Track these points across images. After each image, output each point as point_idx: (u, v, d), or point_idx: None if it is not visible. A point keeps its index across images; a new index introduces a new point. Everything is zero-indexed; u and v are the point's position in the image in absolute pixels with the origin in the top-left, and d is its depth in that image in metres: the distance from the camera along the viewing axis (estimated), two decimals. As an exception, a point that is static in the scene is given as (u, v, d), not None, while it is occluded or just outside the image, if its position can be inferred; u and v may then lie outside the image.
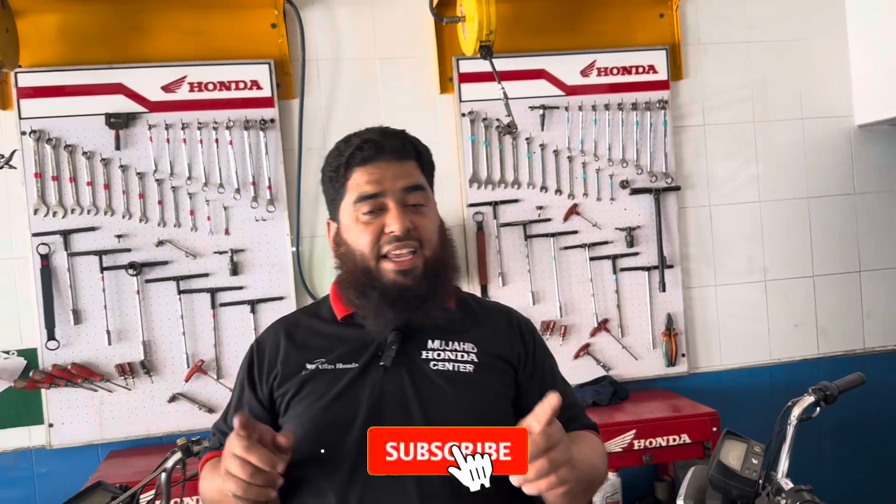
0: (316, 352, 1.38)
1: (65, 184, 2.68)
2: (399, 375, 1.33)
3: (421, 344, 1.37)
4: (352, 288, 1.36)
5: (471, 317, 1.45)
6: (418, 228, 1.33)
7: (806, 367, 3.22)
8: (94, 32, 2.73)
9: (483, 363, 1.37)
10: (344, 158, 1.36)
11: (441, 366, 1.35)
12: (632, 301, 3.05)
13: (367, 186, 1.33)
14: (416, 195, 1.36)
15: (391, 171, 1.34)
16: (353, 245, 1.35)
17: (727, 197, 3.18)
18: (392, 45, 2.96)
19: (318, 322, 1.44)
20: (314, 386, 1.33)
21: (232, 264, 2.77)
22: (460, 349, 1.37)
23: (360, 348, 1.37)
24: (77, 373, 2.67)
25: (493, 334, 1.43)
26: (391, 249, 1.32)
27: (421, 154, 1.40)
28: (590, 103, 3.03)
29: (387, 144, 1.35)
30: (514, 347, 1.43)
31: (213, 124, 2.76)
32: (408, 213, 1.33)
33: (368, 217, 1.33)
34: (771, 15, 3.23)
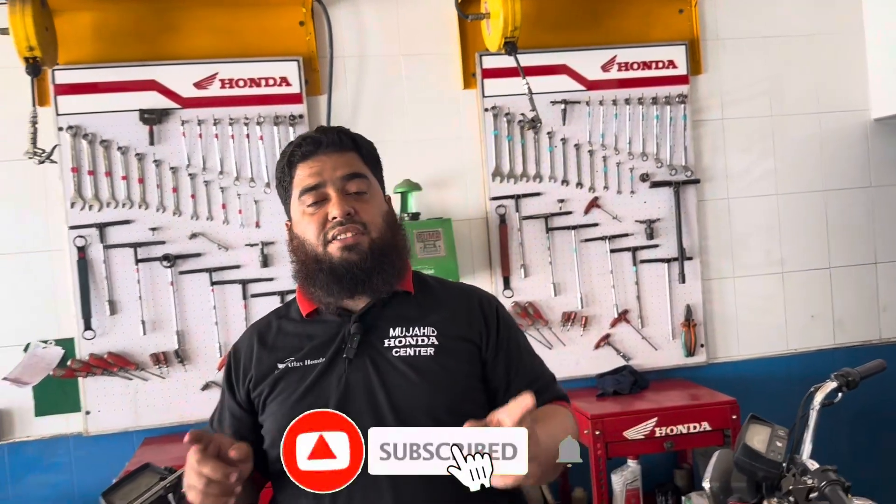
0: (286, 351, 1.42)
1: (100, 178, 2.76)
2: (363, 365, 1.37)
3: (383, 333, 1.41)
4: (304, 276, 1.42)
5: (431, 301, 1.48)
6: (360, 213, 1.38)
7: (822, 357, 3.27)
8: (128, 30, 2.80)
9: (443, 345, 1.40)
10: (286, 158, 1.44)
11: (403, 352, 1.39)
12: (651, 292, 3.11)
13: (309, 179, 1.39)
14: (357, 182, 1.41)
15: (330, 163, 1.40)
16: (303, 236, 1.41)
17: (745, 190, 3.24)
18: (416, 41, 3.02)
19: (286, 322, 1.49)
20: (286, 384, 1.38)
21: (262, 256, 2.84)
22: (421, 334, 1.41)
23: (325, 343, 1.41)
24: (113, 362, 2.75)
25: (452, 316, 1.46)
26: (335, 233, 1.36)
27: (360, 146, 1.46)
28: (610, 98, 3.09)
29: (324, 139, 1.41)
30: (473, 326, 1.45)
31: (244, 120, 2.83)
32: (349, 199, 1.38)
33: (313, 208, 1.39)
34: (788, 10, 3.28)
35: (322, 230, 1.38)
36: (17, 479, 2.78)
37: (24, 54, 2.48)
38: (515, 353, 1.48)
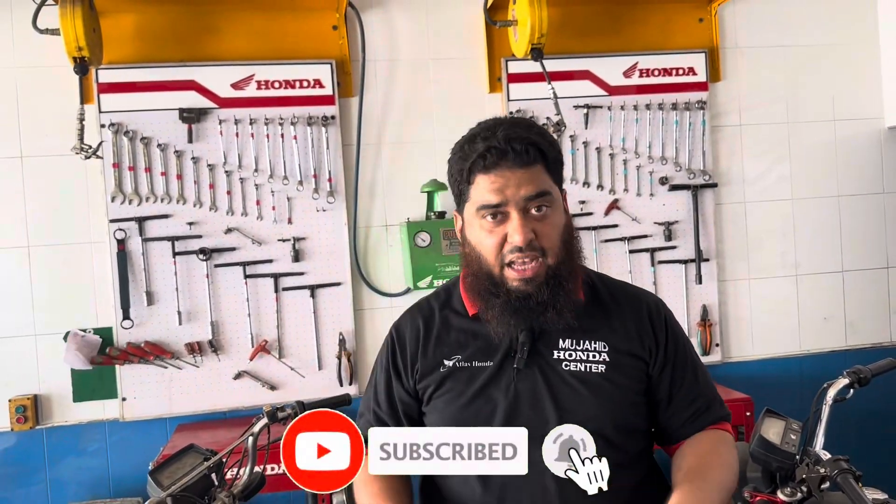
0: (452, 347, 1.43)
1: (140, 174, 2.87)
2: (532, 375, 1.38)
3: (552, 343, 1.40)
4: (476, 291, 1.40)
5: (601, 310, 1.46)
6: (540, 237, 1.34)
7: (834, 358, 3.35)
8: (169, 32, 2.91)
9: (614, 362, 1.40)
10: (468, 164, 1.35)
11: (573, 366, 1.38)
12: (669, 292, 3.20)
13: (490, 196, 1.33)
14: (539, 201, 1.34)
15: (514, 179, 1.32)
16: (477, 248, 1.38)
17: (761, 194, 3.32)
18: (444, 46, 3.12)
19: (451, 315, 1.48)
20: (453, 383, 1.40)
21: (294, 251, 2.94)
22: (591, 349, 1.40)
23: (493, 346, 1.41)
24: (149, 350, 2.86)
25: (623, 329, 1.44)
26: (514, 259, 1.34)
27: (546, 156, 1.37)
28: (632, 103, 3.18)
29: (510, 151, 1.32)
30: (644, 342, 1.44)
31: (279, 120, 2.93)
32: (530, 221, 1.33)
33: (491, 225, 1.34)
34: (805, 20, 3.36)
35: (500, 251, 1.35)
36: (55, 463, 2.89)
37: (73, 54, 2.59)
38: (680, 368, 1.46)
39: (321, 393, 2.93)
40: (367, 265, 3.07)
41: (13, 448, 2.87)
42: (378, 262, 3.08)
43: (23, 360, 2.86)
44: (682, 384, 1.46)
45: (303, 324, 2.96)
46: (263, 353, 2.93)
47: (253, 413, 2.84)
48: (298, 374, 2.95)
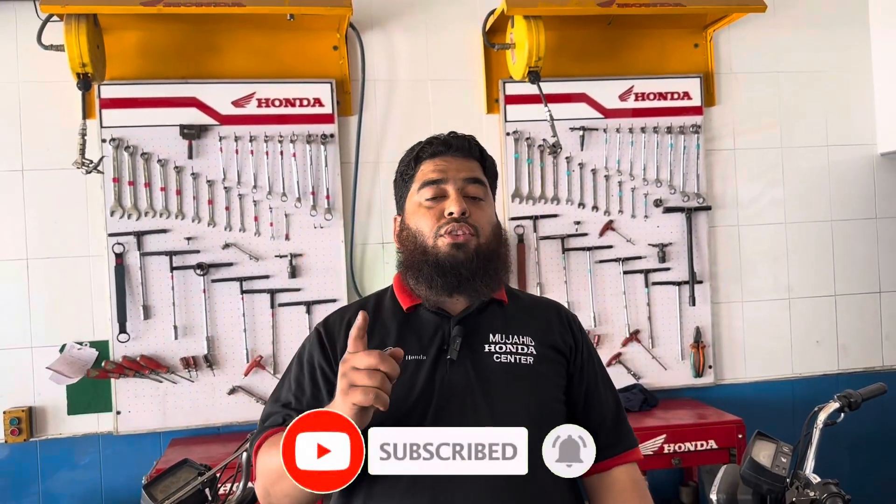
0: (384, 341, 1.44)
1: (140, 188, 2.89)
2: (465, 368, 1.41)
3: (483, 337, 1.45)
4: (408, 266, 1.47)
5: (524, 311, 1.53)
6: (474, 217, 1.44)
7: (826, 381, 3.37)
8: (171, 49, 2.95)
9: (541, 355, 1.46)
10: (414, 153, 1.51)
11: (504, 358, 1.43)
12: (662, 314, 3.22)
13: (432, 174, 1.47)
14: (476, 187, 1.47)
15: (455, 164, 1.47)
16: (415, 228, 1.46)
17: (755, 217, 3.36)
18: (443, 67, 3.16)
19: (384, 312, 1.51)
20: None
21: (291, 267, 2.97)
22: (520, 342, 1.46)
23: (426, 340, 1.44)
24: (145, 364, 2.87)
25: (547, 327, 1.51)
26: (448, 229, 1.42)
27: (485, 159, 1.54)
28: (627, 126, 3.22)
29: (454, 142, 1.49)
30: (566, 340, 1.51)
31: (279, 138, 2.97)
32: (467, 201, 1.44)
33: (431, 202, 1.45)
34: (799, 47, 3.42)
35: (436, 224, 1.43)
36: (48, 476, 2.90)
37: (76, 70, 2.62)
38: (592, 376, 1.53)
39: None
40: (364, 282, 3.09)
41: (6, 460, 2.87)
42: (374, 280, 3.10)
43: (18, 371, 2.87)
44: (595, 393, 1.52)
45: (298, 340, 2.94)
46: (258, 368, 2.94)
47: (247, 428, 2.86)
48: (293, 389, 2.96)
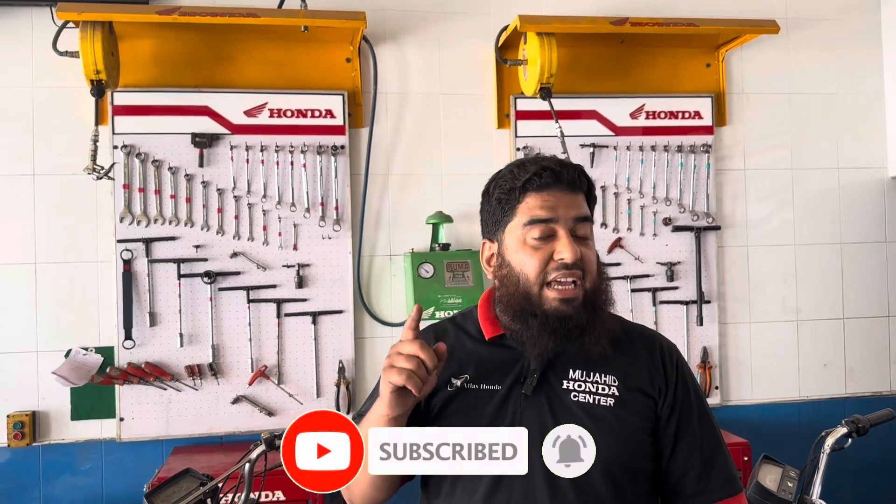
0: (462, 367, 1.41)
1: (150, 195, 2.90)
2: (539, 403, 1.36)
3: (563, 373, 1.38)
4: (510, 311, 1.39)
5: (614, 345, 1.43)
6: (584, 259, 1.35)
7: (833, 405, 3.35)
8: (185, 58, 2.97)
9: (623, 397, 1.37)
10: (520, 182, 1.37)
11: (581, 398, 1.36)
12: (669, 333, 3.18)
13: (541, 211, 1.35)
14: (585, 226, 1.38)
15: (564, 201, 1.36)
16: (518, 268, 1.37)
17: (764, 238, 3.35)
18: (455, 82, 3.17)
19: (465, 337, 1.47)
20: (459, 402, 1.38)
21: (298, 278, 2.97)
22: (601, 381, 1.38)
23: (504, 370, 1.40)
24: (150, 371, 2.87)
25: (635, 365, 1.42)
26: (557, 276, 1.34)
27: (591, 189, 1.43)
28: (637, 144, 3.22)
29: (564, 174, 1.37)
30: (655, 380, 1.41)
31: (290, 148, 2.98)
32: (577, 242, 1.35)
33: (538, 242, 1.35)
34: (811, 69, 3.42)
35: (544, 269, 1.35)
36: (49, 481, 2.89)
37: (90, 77, 2.64)
38: (686, 416, 1.42)
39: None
40: (370, 294, 3.09)
41: (8, 464, 2.87)
42: (381, 292, 3.10)
43: (23, 375, 2.87)
44: (687, 433, 1.42)
45: (303, 350, 2.98)
46: (263, 378, 2.94)
47: (250, 438, 2.85)
48: (297, 400, 2.95)
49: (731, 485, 1.42)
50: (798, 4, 3.41)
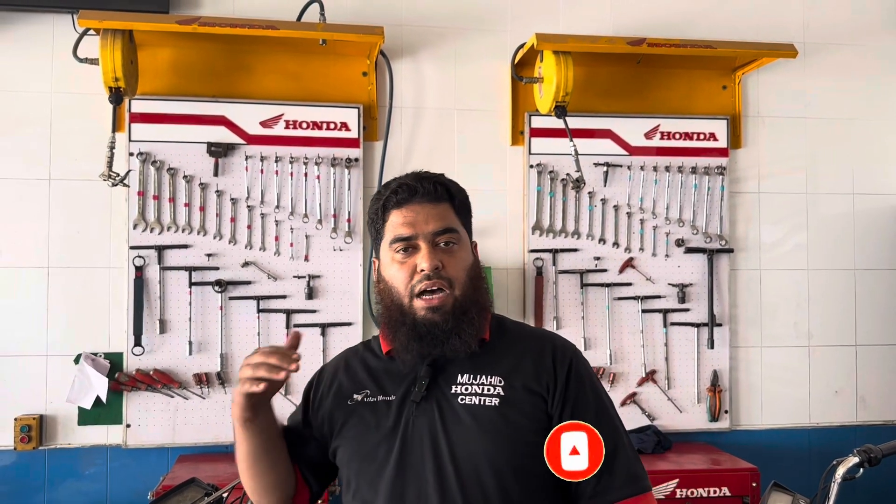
0: (363, 383, 1.48)
1: (164, 203, 2.92)
2: (430, 409, 1.40)
3: (451, 378, 1.43)
4: (387, 323, 1.46)
5: (504, 347, 1.48)
6: (447, 267, 1.41)
7: (844, 433, 3.31)
8: (203, 68, 2.99)
9: (508, 396, 1.40)
10: (381, 202, 1.47)
11: (468, 400, 1.40)
12: (680, 355, 3.19)
13: (401, 228, 1.42)
14: (447, 236, 1.43)
15: (423, 214, 1.43)
16: (390, 282, 1.44)
17: (777, 262, 3.33)
18: (470, 97, 3.18)
19: (370, 355, 1.54)
20: (359, 417, 1.45)
21: (308, 289, 2.97)
22: (487, 383, 1.42)
23: (398, 381, 1.45)
24: (158, 378, 2.88)
25: (521, 365, 1.45)
26: (423, 287, 1.39)
27: (454, 197, 1.49)
28: (651, 164, 3.21)
29: (420, 188, 1.44)
30: (542, 378, 1.43)
31: (304, 159, 2.99)
32: (438, 252, 1.41)
33: (402, 256, 1.42)
34: (828, 93, 3.40)
35: (410, 281, 1.41)
36: (55, 485, 2.89)
37: (109, 84, 2.66)
38: (581, 413, 1.40)
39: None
40: (380, 307, 3.08)
41: (14, 467, 2.87)
42: (390, 306, 3.09)
43: (32, 379, 2.88)
44: None
45: (311, 362, 2.91)
46: (270, 388, 2.93)
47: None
48: (303, 412, 2.95)
49: (633, 483, 1.39)
50: (816, 29, 3.40)
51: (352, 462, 1.44)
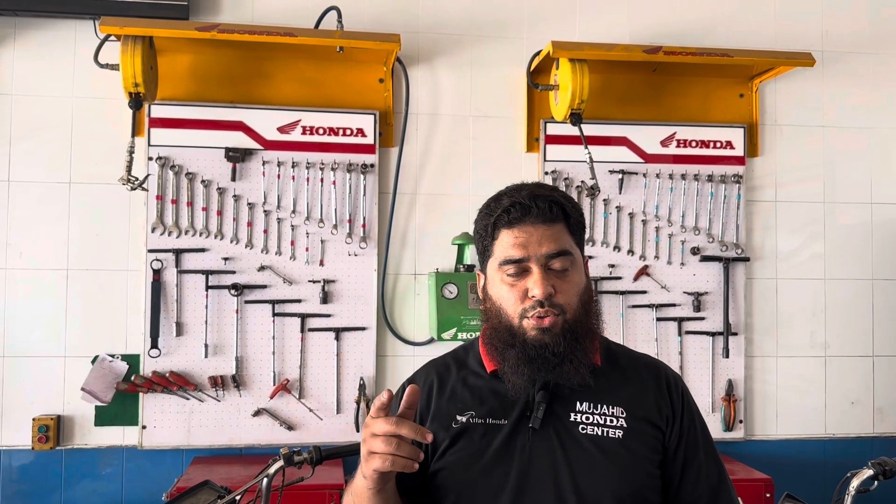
0: (466, 404, 1.41)
1: (182, 207, 2.95)
2: (548, 436, 1.35)
3: (569, 405, 1.38)
4: (494, 343, 1.40)
5: (619, 374, 1.44)
6: (559, 293, 1.34)
7: (860, 444, 3.28)
8: (221, 74, 3.02)
9: (632, 428, 1.37)
10: (492, 219, 1.38)
11: (590, 430, 1.35)
12: (694, 364, 3.17)
13: (513, 250, 1.35)
14: (560, 260, 1.35)
15: (536, 236, 1.35)
16: (499, 303, 1.38)
17: (793, 271, 3.31)
18: (486, 104, 3.19)
19: (468, 373, 1.46)
20: (467, 440, 1.37)
21: (323, 293, 2.99)
22: (609, 413, 1.37)
23: (509, 404, 1.38)
24: (174, 381, 2.90)
25: (641, 394, 1.41)
26: (533, 313, 1.34)
27: (569, 216, 1.39)
28: (667, 172, 3.21)
29: (534, 208, 1.35)
30: (662, 410, 1.41)
31: (320, 165, 3.01)
32: (550, 277, 1.34)
33: (513, 279, 1.36)
34: (846, 102, 3.38)
35: (521, 304, 1.35)
36: (71, 485, 2.93)
37: (129, 89, 2.70)
38: (693, 447, 1.41)
39: (337, 437, 2.95)
40: (394, 312, 3.10)
41: (32, 466, 2.91)
42: (404, 311, 3.11)
43: (50, 379, 2.92)
44: (693, 464, 1.41)
45: (325, 366, 2.99)
46: (284, 392, 2.96)
47: (269, 452, 2.86)
48: (317, 415, 2.96)
49: None
50: (834, 37, 3.38)
51: (461, 487, 1.36)
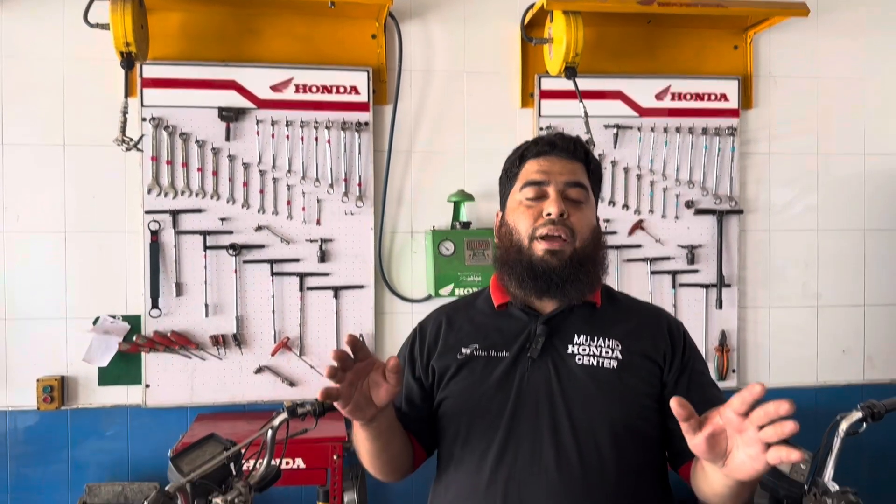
0: (471, 337, 1.49)
1: (177, 168, 2.95)
2: (545, 367, 1.42)
3: (567, 338, 1.45)
4: (504, 263, 1.48)
5: (619, 312, 1.52)
6: (573, 219, 1.43)
7: (851, 392, 3.34)
8: (213, 32, 3.00)
9: (627, 360, 1.43)
10: (520, 152, 1.52)
11: (585, 360, 1.42)
12: (689, 315, 3.21)
13: (535, 174, 1.46)
14: (577, 191, 1.46)
15: (558, 166, 1.47)
16: (513, 224, 1.47)
17: (786, 223, 3.34)
18: (479, 60, 3.17)
19: (475, 311, 1.56)
20: (469, 369, 1.46)
21: (321, 252, 3.01)
22: (605, 345, 1.44)
23: (511, 337, 1.47)
24: (175, 340, 2.94)
25: (639, 331, 1.48)
26: (545, 232, 1.42)
27: (590, 161, 1.52)
28: (662, 125, 3.21)
29: (559, 143, 1.49)
30: (660, 347, 1.46)
31: (314, 123, 3.01)
32: (566, 203, 1.44)
33: (531, 202, 1.45)
34: (841, 53, 3.37)
35: (534, 224, 1.44)
36: (77, 444, 2.98)
37: (120, 49, 2.68)
38: (697, 380, 1.47)
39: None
40: (391, 270, 3.12)
41: (38, 426, 2.95)
42: (401, 268, 3.13)
43: (53, 341, 2.95)
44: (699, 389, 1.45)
45: (325, 323, 3.03)
46: (285, 349, 3.00)
47: (271, 407, 2.92)
48: (318, 371, 3.01)
49: None
50: (830, -14, 3.36)
51: (462, 414, 1.45)
